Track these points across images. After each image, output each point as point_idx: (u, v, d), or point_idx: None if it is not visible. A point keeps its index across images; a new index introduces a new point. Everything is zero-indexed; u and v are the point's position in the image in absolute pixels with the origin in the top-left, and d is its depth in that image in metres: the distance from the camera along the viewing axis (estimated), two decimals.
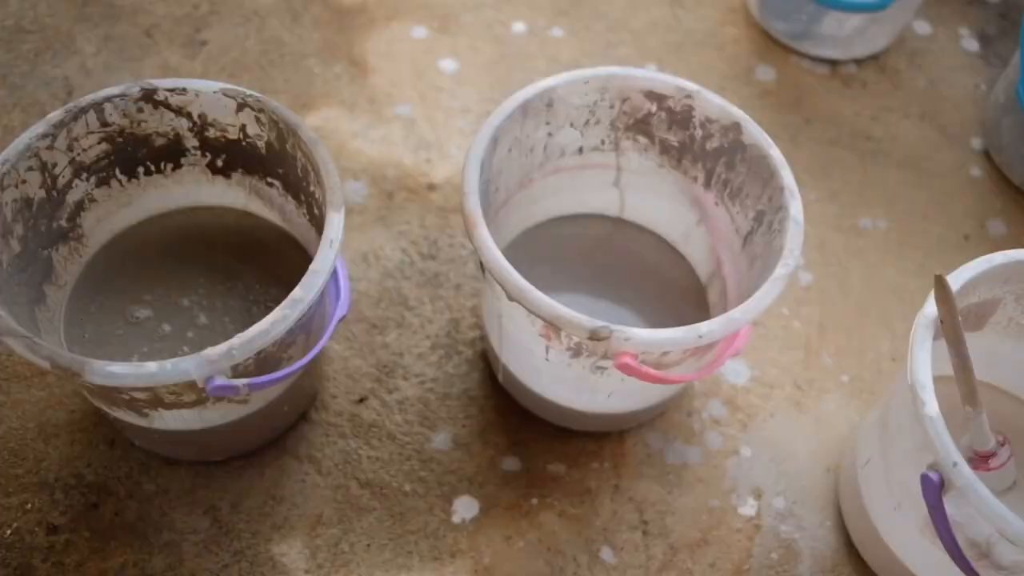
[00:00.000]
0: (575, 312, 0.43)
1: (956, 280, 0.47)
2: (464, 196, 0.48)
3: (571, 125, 0.55)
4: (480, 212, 0.47)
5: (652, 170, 0.57)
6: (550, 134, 0.55)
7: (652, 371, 0.46)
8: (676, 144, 0.55)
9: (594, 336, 0.43)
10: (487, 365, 0.60)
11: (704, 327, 0.44)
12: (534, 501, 0.55)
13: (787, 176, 0.50)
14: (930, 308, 0.46)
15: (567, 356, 0.48)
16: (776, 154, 0.50)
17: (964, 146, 0.75)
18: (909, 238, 0.69)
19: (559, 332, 0.45)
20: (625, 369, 0.44)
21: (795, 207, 0.49)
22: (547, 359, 0.49)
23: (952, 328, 0.44)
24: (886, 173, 0.73)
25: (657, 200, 0.59)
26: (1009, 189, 0.73)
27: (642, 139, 0.56)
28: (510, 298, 0.45)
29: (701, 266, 0.60)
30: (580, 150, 0.57)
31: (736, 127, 0.52)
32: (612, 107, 0.54)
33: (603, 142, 0.56)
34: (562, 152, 0.56)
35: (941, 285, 0.44)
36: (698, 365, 0.50)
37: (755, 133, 0.51)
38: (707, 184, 0.55)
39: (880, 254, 0.68)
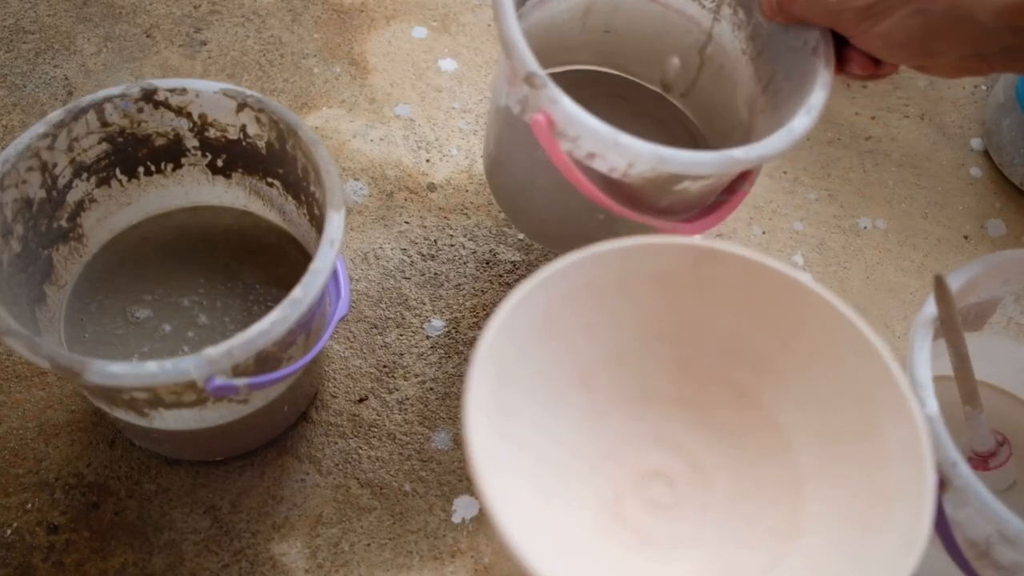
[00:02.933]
0: (528, 50, 0.42)
1: (956, 280, 0.47)
2: None
3: None
4: None
5: (735, 56, 0.53)
6: None
7: (564, 156, 0.43)
8: (766, 33, 0.51)
9: (529, 80, 0.42)
10: None
11: (625, 138, 0.41)
12: None
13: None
14: (930, 308, 0.46)
15: (518, 108, 0.46)
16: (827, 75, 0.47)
17: (964, 146, 0.75)
18: (909, 238, 0.69)
19: (514, 72, 0.44)
20: (536, 128, 0.42)
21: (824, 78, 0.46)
22: (507, 105, 0.48)
23: (952, 328, 0.44)
24: (886, 173, 0.73)
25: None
26: (1009, 189, 0.73)
27: (742, 14, 0.52)
28: (502, 42, 0.44)
29: None
30: None
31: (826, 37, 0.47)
32: None
33: None
34: None
35: (941, 285, 0.44)
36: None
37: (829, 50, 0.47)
38: (764, 89, 0.52)
39: (880, 254, 0.68)
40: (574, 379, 0.40)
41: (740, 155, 0.43)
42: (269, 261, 0.56)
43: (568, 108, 0.42)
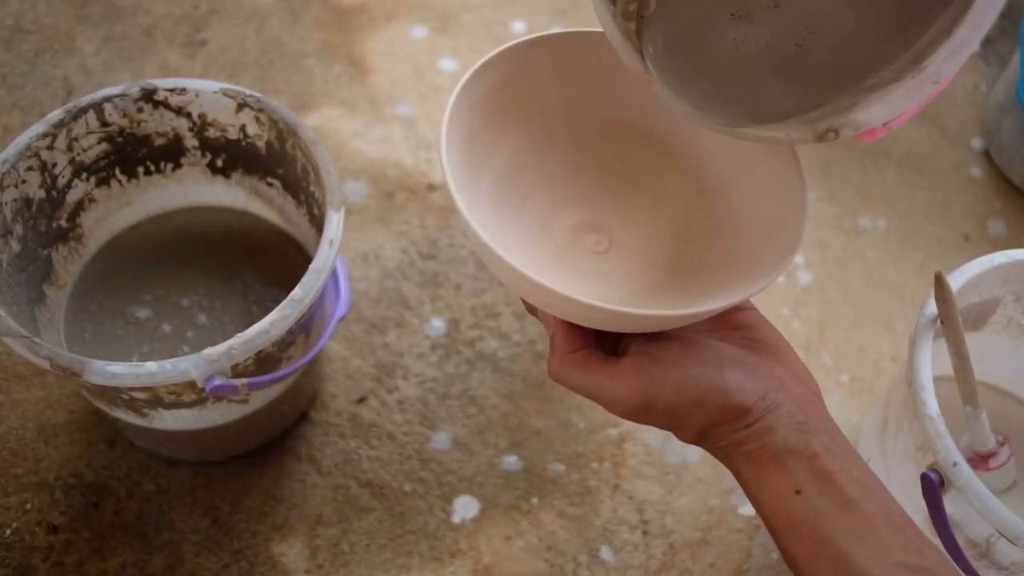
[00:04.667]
0: (794, 123, 0.42)
1: (956, 280, 0.47)
2: None
3: None
4: None
5: None
6: None
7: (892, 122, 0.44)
8: None
9: (822, 139, 0.41)
10: (487, 365, 0.60)
11: (932, 69, 0.39)
12: (534, 501, 0.55)
13: None
14: (930, 308, 0.46)
15: None
16: None
17: (964, 146, 0.75)
18: (909, 238, 0.69)
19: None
20: (872, 138, 0.42)
21: None
22: None
23: (952, 328, 0.44)
24: (886, 173, 0.73)
25: None
26: (1009, 189, 0.73)
27: None
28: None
29: None
30: None
31: None
32: None
33: None
34: None
35: (941, 283, 0.44)
36: None
37: None
38: None
39: (880, 254, 0.68)
40: (553, 137, 0.45)
41: (932, 69, 0.40)
42: (269, 261, 0.56)
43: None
